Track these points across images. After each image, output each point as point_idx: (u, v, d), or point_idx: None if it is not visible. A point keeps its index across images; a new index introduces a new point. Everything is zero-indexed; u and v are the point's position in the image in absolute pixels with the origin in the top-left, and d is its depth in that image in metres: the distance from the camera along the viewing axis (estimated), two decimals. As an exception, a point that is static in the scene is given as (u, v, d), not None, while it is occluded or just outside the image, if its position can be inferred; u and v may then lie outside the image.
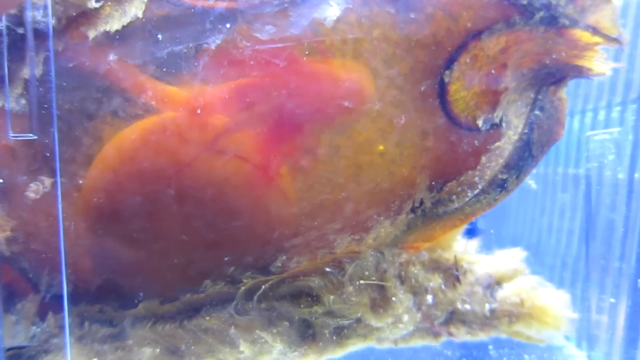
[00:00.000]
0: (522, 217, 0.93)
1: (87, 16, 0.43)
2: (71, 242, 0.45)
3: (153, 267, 0.48)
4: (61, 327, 0.47)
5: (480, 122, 0.48)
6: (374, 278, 0.49)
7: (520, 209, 0.94)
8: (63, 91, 0.43)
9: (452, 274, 0.52)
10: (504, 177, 0.48)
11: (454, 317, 0.52)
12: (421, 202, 0.49)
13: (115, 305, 0.48)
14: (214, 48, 0.43)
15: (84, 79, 0.43)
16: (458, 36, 0.46)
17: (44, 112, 0.43)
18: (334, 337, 0.49)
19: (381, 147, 0.47)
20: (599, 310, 0.69)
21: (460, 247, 0.54)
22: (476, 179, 0.49)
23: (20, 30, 0.41)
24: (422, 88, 0.46)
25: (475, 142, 0.48)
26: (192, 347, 0.48)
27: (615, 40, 0.45)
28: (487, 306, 0.52)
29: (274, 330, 0.48)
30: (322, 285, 0.48)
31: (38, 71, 0.42)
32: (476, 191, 0.49)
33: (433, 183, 0.49)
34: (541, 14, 0.44)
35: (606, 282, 0.68)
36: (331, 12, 0.44)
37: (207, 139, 0.44)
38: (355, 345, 0.50)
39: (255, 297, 0.48)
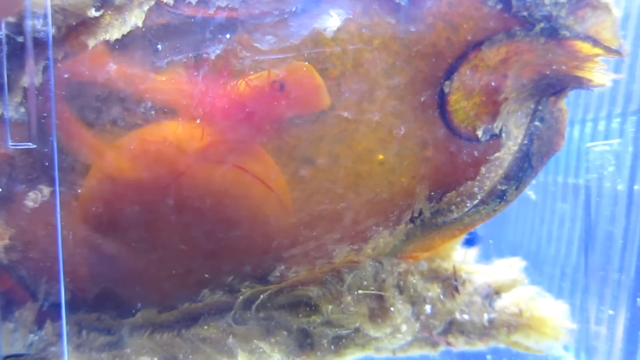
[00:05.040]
0: (522, 226, 0.93)
1: (87, 25, 0.43)
2: (69, 250, 0.45)
3: (151, 276, 0.47)
4: (59, 335, 0.47)
5: (480, 133, 0.48)
6: (372, 288, 0.49)
7: (520, 218, 0.94)
8: (62, 100, 0.43)
9: (451, 283, 0.52)
10: (504, 188, 0.48)
11: (452, 327, 0.52)
12: (420, 212, 0.49)
13: (113, 314, 0.48)
14: (213, 58, 0.43)
15: (83, 87, 0.43)
16: (458, 46, 0.46)
17: (43, 120, 0.43)
18: (332, 347, 0.49)
19: (381, 157, 0.47)
20: (598, 322, 0.69)
21: (459, 256, 0.54)
22: (475, 189, 0.49)
23: (20, 39, 0.41)
24: (422, 98, 0.46)
25: (475, 152, 0.48)
26: (190, 356, 0.48)
27: (616, 51, 0.45)
28: (485, 316, 0.51)
29: (272, 340, 0.48)
30: (320, 295, 0.48)
31: (37, 80, 0.42)
32: (475, 202, 0.49)
33: (432, 193, 0.49)
34: (541, 25, 0.44)
35: (605, 293, 0.68)
36: (331, 22, 0.44)
37: (206, 148, 0.44)
38: (354, 355, 0.50)
39: (254, 307, 0.48)
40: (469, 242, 0.54)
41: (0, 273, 0.46)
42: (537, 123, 0.48)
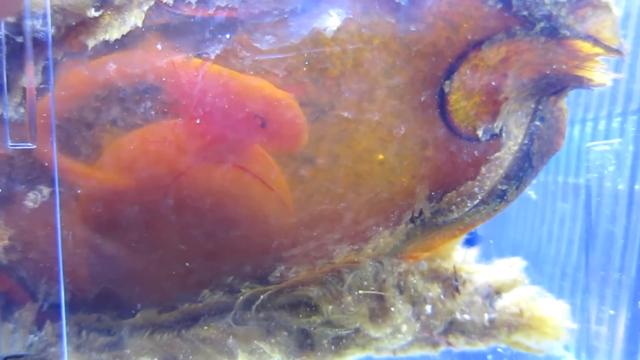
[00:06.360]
0: (522, 226, 0.93)
1: (87, 25, 0.43)
2: (69, 251, 0.45)
3: (151, 277, 0.47)
4: (59, 336, 0.47)
5: (480, 132, 0.48)
6: (372, 288, 0.49)
7: (520, 218, 0.94)
8: (61, 100, 0.43)
9: (451, 283, 0.52)
10: (504, 187, 0.48)
11: (452, 327, 0.52)
12: (420, 212, 0.49)
13: (113, 314, 0.48)
14: (213, 58, 0.43)
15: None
16: (458, 46, 0.45)
17: (42, 121, 0.42)
18: (333, 347, 0.49)
19: (381, 157, 0.47)
20: (599, 322, 0.69)
21: (460, 256, 0.53)
22: (476, 189, 0.48)
23: (19, 39, 0.41)
24: (422, 98, 0.46)
25: (475, 152, 0.48)
26: (190, 357, 0.48)
27: (616, 51, 0.45)
28: (486, 316, 0.51)
29: (273, 340, 0.48)
30: (320, 295, 0.48)
31: (37, 80, 0.42)
32: (476, 202, 0.49)
33: (432, 193, 0.49)
34: (542, 24, 0.44)
35: (606, 293, 0.68)
36: (331, 22, 0.44)
37: (206, 148, 0.44)
38: (354, 355, 0.50)
39: (254, 307, 0.47)
40: (470, 242, 0.54)
41: (-1, 273, 0.46)
42: (537, 122, 0.48)
